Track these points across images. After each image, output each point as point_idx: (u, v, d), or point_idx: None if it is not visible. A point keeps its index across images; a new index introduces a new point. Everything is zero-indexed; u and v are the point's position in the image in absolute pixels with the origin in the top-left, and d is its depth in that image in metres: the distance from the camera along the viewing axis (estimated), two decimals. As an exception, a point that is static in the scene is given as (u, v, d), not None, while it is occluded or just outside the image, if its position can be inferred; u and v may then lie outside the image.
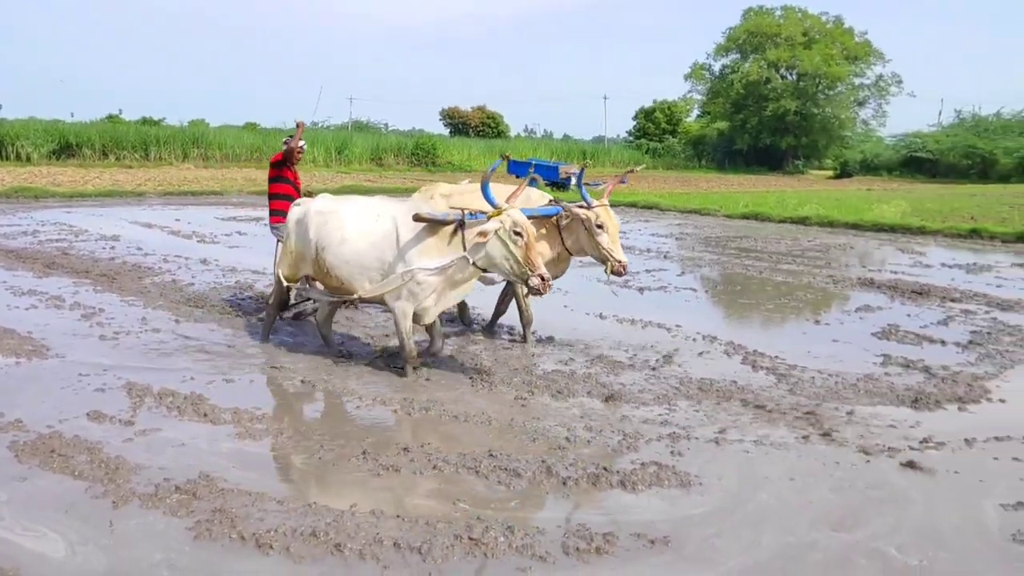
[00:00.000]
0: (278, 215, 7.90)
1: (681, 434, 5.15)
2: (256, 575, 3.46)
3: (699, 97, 58.85)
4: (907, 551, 3.77)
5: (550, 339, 7.55)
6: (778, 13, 53.32)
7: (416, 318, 6.22)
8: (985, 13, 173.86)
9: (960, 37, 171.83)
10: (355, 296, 6.27)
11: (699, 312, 9.18)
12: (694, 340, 7.64)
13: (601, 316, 8.51)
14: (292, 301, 7.70)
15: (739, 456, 4.87)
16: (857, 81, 53.51)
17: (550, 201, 7.11)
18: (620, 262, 6.62)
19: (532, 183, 27.99)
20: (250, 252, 12.24)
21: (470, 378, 6.30)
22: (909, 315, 9.08)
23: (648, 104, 63.33)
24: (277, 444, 4.89)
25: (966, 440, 5.17)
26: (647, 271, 11.71)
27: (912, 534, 3.94)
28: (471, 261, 5.88)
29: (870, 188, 35.02)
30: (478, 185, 6.80)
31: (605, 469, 4.51)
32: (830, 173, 52.60)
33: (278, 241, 7.82)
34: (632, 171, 8.19)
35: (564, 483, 4.38)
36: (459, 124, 64.18)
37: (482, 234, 5.72)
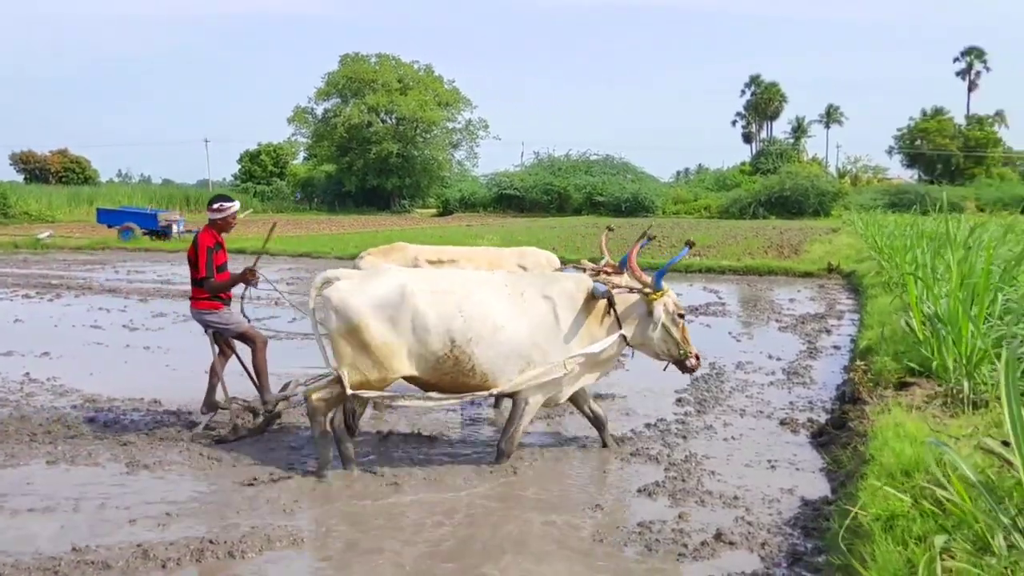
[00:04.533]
0: (218, 299, 6.33)
1: (288, 497, 5.02)
2: None
3: (304, 140, 59.10)
4: (508, 571, 4.05)
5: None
6: (373, 60, 55.60)
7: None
8: (548, 67, 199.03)
9: (534, 88, 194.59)
10: (488, 392, 5.37)
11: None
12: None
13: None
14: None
15: (350, 509, 4.87)
16: (450, 125, 57.78)
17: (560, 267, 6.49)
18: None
19: (127, 233, 25.66)
20: None
21: (49, 454, 5.53)
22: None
23: (253, 147, 61.99)
24: None
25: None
26: (268, 318, 11.33)
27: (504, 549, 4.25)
28: (628, 340, 5.50)
29: (469, 224, 37.90)
30: (461, 248, 6.98)
31: (211, 542, 4.21)
32: (434, 211, 55.97)
33: (207, 330, 6.36)
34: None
35: (164, 566, 4.01)
36: (36, 170, 57.18)
37: (646, 320, 5.44)
